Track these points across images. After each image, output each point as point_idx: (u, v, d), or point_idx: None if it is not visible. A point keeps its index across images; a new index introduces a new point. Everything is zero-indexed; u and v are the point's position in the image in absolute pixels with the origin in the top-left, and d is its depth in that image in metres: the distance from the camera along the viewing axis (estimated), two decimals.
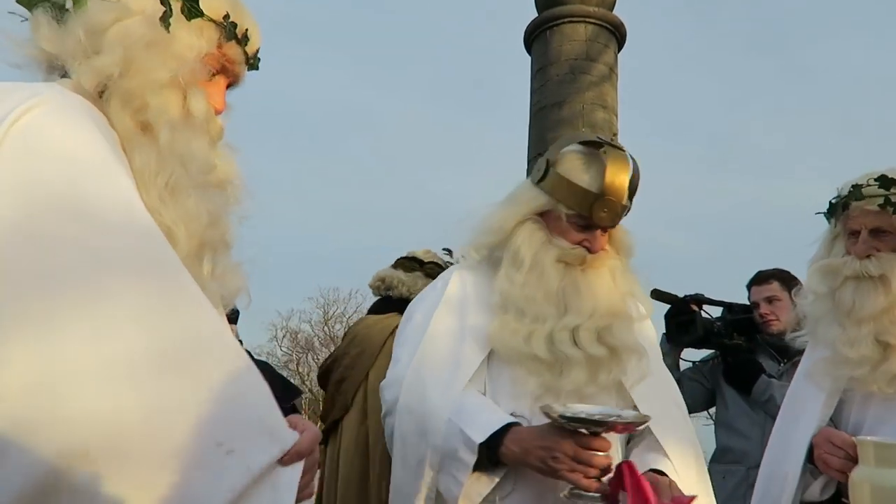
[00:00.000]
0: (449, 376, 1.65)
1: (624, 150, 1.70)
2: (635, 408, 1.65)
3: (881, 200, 1.66)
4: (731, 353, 3.10)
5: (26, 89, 0.99)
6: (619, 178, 1.64)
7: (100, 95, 1.08)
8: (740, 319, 3.18)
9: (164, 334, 0.90)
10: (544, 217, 1.73)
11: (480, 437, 1.52)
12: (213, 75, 1.21)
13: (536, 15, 7.49)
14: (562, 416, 1.44)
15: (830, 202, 1.80)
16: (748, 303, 3.27)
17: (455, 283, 1.79)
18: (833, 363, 1.77)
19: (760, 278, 3.23)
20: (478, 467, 1.55)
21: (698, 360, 3.36)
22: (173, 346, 0.90)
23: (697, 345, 3.18)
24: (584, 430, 1.46)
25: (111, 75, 1.06)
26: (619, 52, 7.50)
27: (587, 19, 7.20)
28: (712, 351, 3.27)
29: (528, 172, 7.08)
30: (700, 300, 3.18)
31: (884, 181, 1.66)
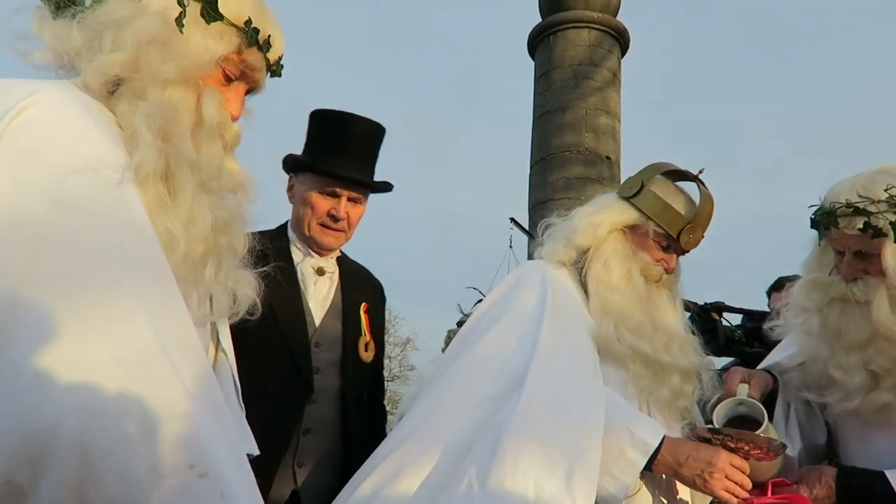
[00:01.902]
0: (585, 370, 1.61)
1: (700, 182, 1.85)
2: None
3: (860, 224, 1.56)
4: (753, 361, 3.11)
5: (28, 85, 0.98)
6: (706, 209, 1.79)
7: (111, 94, 1.06)
8: (761, 327, 3.19)
9: (164, 333, 0.89)
10: (630, 231, 1.81)
11: (654, 440, 1.52)
12: (232, 80, 1.18)
13: (540, 20, 7.51)
14: (721, 434, 1.53)
15: (812, 218, 1.71)
16: (768, 309, 3.26)
17: (554, 279, 1.77)
18: (811, 375, 1.77)
19: (780, 285, 3.22)
20: None
21: (720, 367, 3.37)
22: (171, 344, 0.89)
23: (719, 353, 3.19)
24: (733, 447, 1.52)
25: (118, 74, 1.04)
26: (622, 57, 7.52)
27: (591, 25, 7.20)
28: (733, 358, 3.27)
29: (531, 177, 7.02)
30: (720, 308, 3.19)
31: (857, 210, 1.57)
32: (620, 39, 7.41)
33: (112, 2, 1.07)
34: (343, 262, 2.10)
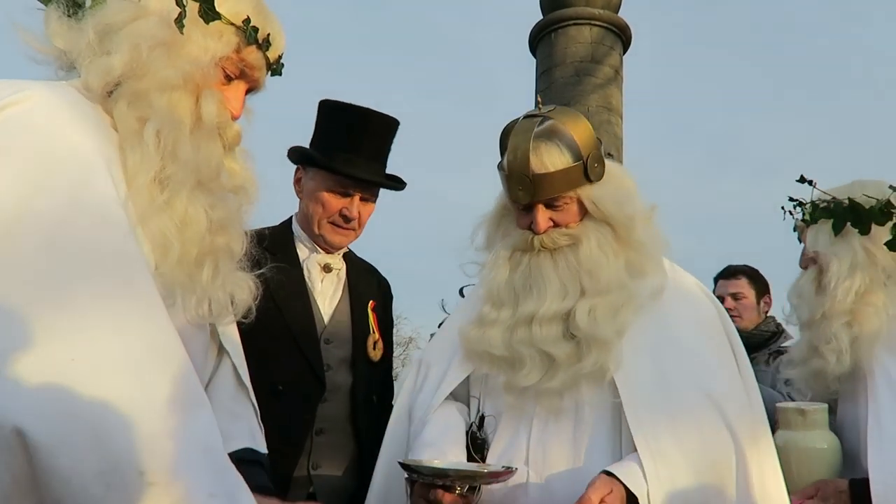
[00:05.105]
0: (435, 385, 1.66)
1: (535, 116, 1.56)
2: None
3: None
4: None
5: (12, 85, 0.98)
6: (520, 149, 1.51)
7: (109, 95, 1.06)
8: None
9: (131, 337, 0.88)
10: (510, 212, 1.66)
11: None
12: (232, 80, 1.17)
13: (541, 17, 7.48)
14: (401, 464, 1.41)
15: None
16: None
17: (470, 296, 1.83)
18: None
19: (729, 273, 3.21)
20: None
21: None
22: (139, 349, 0.88)
23: None
24: (437, 483, 1.38)
25: (120, 76, 1.04)
26: (624, 54, 7.49)
27: (592, 21, 7.17)
28: None
29: None
30: None
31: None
32: (622, 36, 7.38)
33: (112, 4, 1.06)
34: (350, 258, 2.06)
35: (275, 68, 1.23)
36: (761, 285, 3.18)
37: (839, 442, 1.82)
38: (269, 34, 1.17)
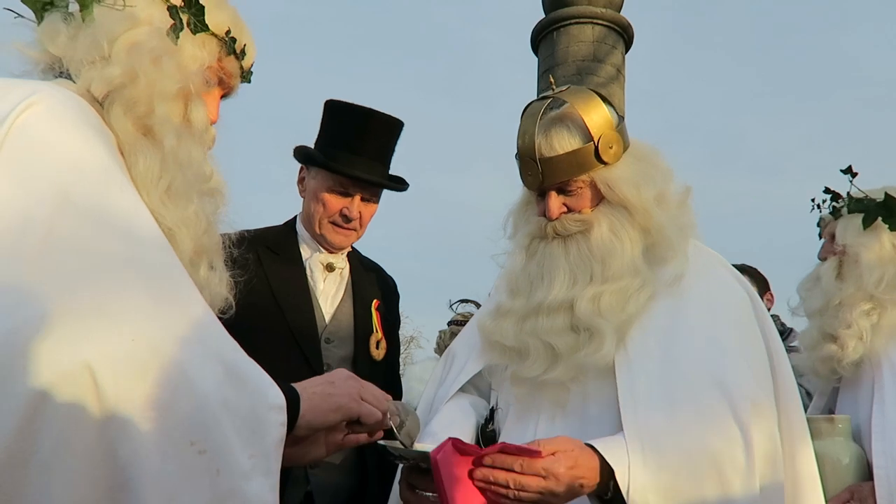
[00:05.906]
0: (455, 377, 1.65)
1: (546, 98, 1.53)
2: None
3: None
4: None
5: (26, 86, 1.01)
6: (528, 133, 1.49)
7: (101, 101, 1.10)
8: None
9: (170, 325, 0.92)
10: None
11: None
12: (210, 87, 1.23)
13: (544, 16, 7.49)
14: (378, 445, 1.38)
15: None
16: None
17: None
18: None
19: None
20: None
21: None
22: (178, 335, 0.92)
23: None
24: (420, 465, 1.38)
25: (120, 84, 1.08)
26: (626, 52, 7.49)
27: (595, 20, 7.18)
28: None
29: None
30: None
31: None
32: (624, 35, 7.38)
33: (105, 14, 1.10)
34: (354, 258, 2.07)
35: (245, 75, 1.30)
36: (761, 283, 3.17)
37: (862, 450, 1.88)
38: (244, 45, 1.26)
